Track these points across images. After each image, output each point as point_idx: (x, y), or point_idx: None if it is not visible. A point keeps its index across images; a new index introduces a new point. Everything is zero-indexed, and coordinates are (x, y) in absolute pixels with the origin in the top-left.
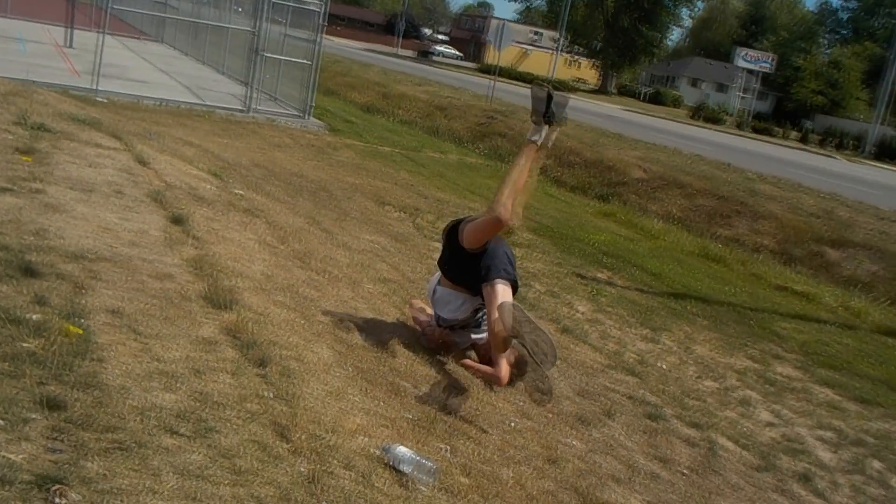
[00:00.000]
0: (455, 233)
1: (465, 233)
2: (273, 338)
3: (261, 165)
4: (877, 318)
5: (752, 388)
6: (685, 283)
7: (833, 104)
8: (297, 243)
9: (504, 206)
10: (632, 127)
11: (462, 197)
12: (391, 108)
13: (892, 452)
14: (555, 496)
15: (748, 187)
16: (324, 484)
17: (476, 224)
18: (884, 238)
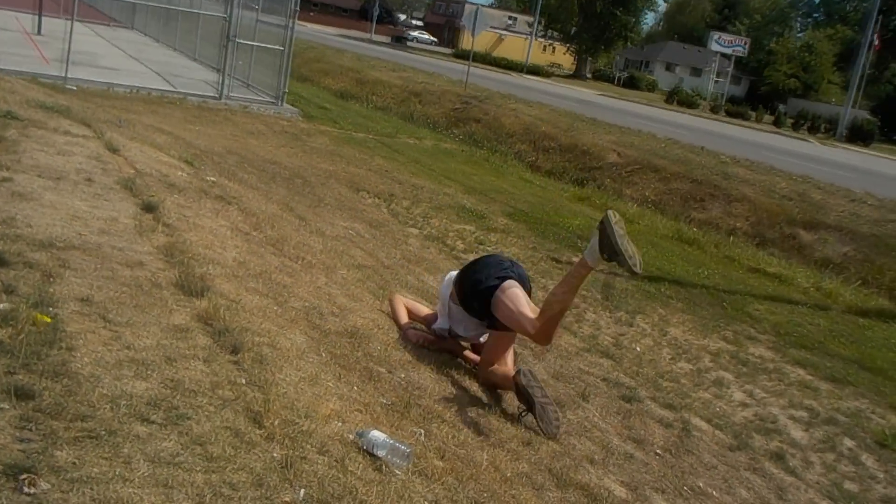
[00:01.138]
0: (488, 294)
1: (501, 310)
2: (246, 324)
3: (234, 152)
4: (849, 299)
5: (726, 368)
6: (660, 266)
7: (806, 87)
8: (270, 230)
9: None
10: (607, 111)
11: (438, 183)
12: (366, 94)
13: (864, 430)
14: (530, 478)
15: (722, 171)
16: (298, 469)
17: (513, 318)
18: (855, 220)
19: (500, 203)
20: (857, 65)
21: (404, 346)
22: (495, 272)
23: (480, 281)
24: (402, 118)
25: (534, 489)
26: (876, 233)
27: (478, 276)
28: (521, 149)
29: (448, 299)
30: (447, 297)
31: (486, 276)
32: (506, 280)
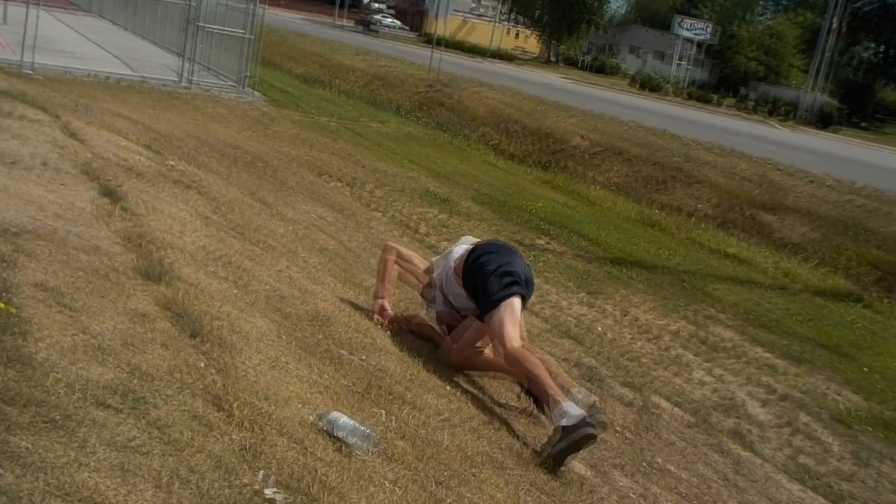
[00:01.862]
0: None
1: (494, 321)
2: (207, 309)
3: (196, 137)
4: (807, 279)
5: (687, 348)
6: (623, 248)
7: (770, 72)
8: (232, 214)
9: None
10: (573, 96)
11: (402, 167)
12: (331, 79)
13: (820, 406)
14: (491, 457)
15: (685, 154)
16: (258, 452)
17: (499, 333)
18: (815, 201)
19: (464, 187)
20: (820, 49)
21: (367, 329)
22: (507, 282)
23: (489, 290)
24: (367, 102)
25: (495, 468)
26: (834, 214)
27: (489, 281)
28: (487, 133)
29: (451, 271)
30: (451, 267)
31: (498, 287)
32: (513, 297)
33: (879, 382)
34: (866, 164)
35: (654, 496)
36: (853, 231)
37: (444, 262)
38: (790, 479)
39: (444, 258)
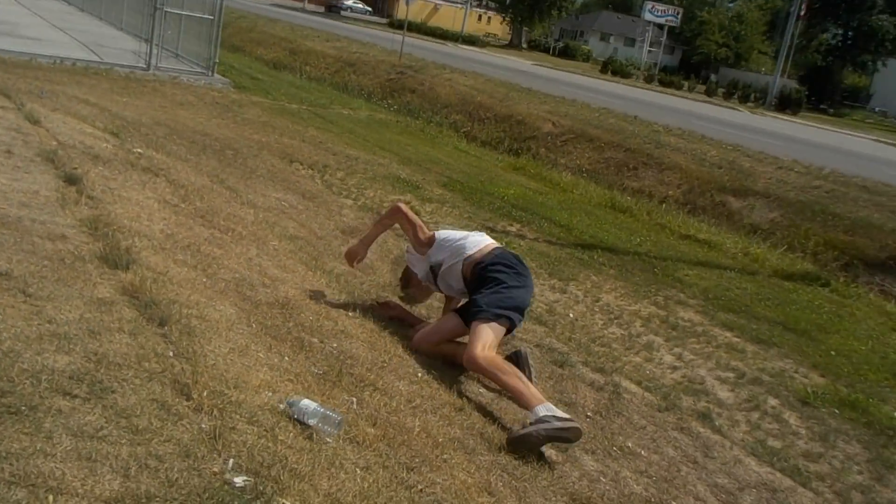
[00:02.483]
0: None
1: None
2: (174, 296)
3: (163, 124)
4: (775, 263)
5: (657, 333)
6: (593, 234)
7: (737, 57)
8: (199, 202)
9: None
10: (542, 81)
11: (372, 153)
12: (299, 65)
13: (787, 389)
14: (461, 442)
15: (655, 140)
16: (227, 439)
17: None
18: (782, 186)
19: (435, 173)
20: (786, 34)
21: (337, 317)
22: (510, 305)
23: (492, 302)
24: (336, 89)
25: (465, 453)
26: (802, 199)
27: (496, 296)
28: (457, 119)
29: (460, 264)
30: (461, 260)
31: (502, 306)
32: (508, 321)
33: (845, 365)
34: (831, 149)
35: (623, 479)
36: (820, 216)
37: (451, 249)
38: (757, 461)
39: (452, 245)
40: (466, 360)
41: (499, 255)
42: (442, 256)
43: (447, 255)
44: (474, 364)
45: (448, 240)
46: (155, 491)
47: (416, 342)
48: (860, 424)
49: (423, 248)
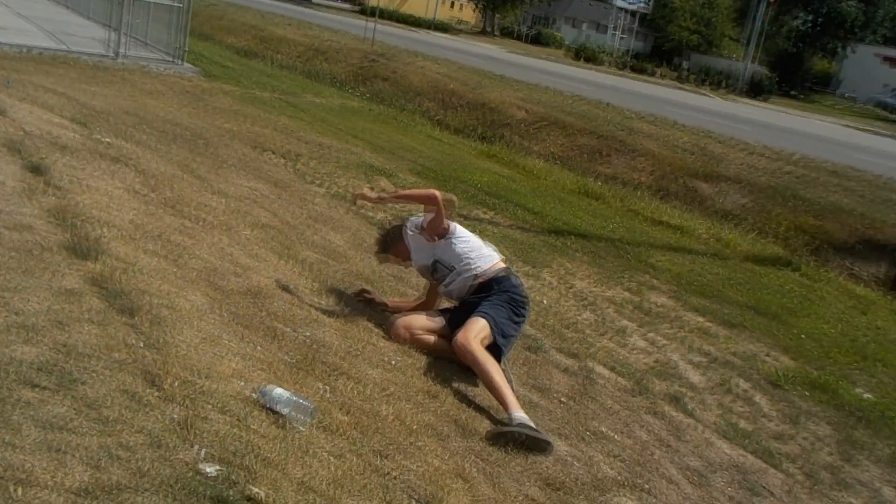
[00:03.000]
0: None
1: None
2: (142, 286)
3: (131, 113)
4: (745, 248)
5: (628, 317)
6: (565, 220)
7: (708, 44)
8: (169, 191)
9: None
10: (514, 68)
11: (344, 141)
12: (269, 52)
13: (757, 372)
14: (434, 428)
15: (626, 126)
16: (197, 429)
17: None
18: (753, 172)
19: (407, 161)
20: (755, 20)
21: (307, 304)
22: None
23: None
24: (306, 76)
25: (438, 439)
26: (771, 184)
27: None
28: (429, 106)
29: (471, 276)
30: (471, 273)
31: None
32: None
33: (814, 347)
34: (800, 134)
35: (596, 463)
36: (790, 201)
37: (461, 257)
38: (728, 443)
39: (463, 253)
40: (460, 343)
41: (513, 281)
42: (448, 257)
43: (456, 261)
44: (467, 347)
45: (461, 239)
46: (125, 482)
47: (396, 329)
48: (829, 406)
49: (434, 237)
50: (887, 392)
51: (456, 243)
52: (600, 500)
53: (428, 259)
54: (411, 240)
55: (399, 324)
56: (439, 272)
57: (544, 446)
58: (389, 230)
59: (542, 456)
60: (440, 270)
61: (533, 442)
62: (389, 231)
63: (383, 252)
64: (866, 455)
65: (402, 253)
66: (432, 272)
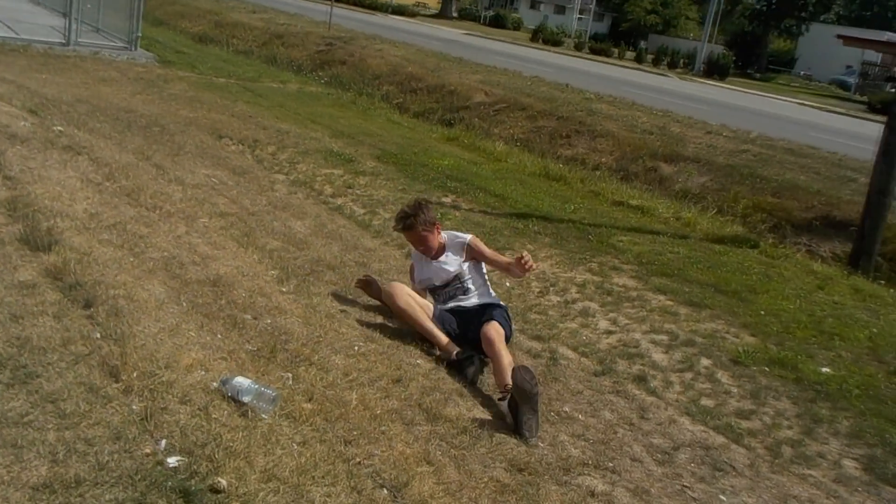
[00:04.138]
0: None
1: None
2: (100, 277)
3: (84, 101)
4: (706, 227)
5: (592, 299)
6: (528, 203)
7: (666, 23)
8: (125, 180)
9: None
10: (474, 51)
11: (304, 127)
12: (225, 38)
13: (719, 350)
14: (399, 414)
15: (587, 107)
16: (158, 420)
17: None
18: (712, 151)
19: (368, 146)
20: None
21: (271, 293)
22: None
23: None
24: (264, 61)
25: (404, 424)
26: (731, 163)
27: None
28: (389, 90)
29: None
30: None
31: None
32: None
33: (774, 324)
34: (758, 113)
35: (561, 443)
36: (748, 179)
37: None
38: (691, 420)
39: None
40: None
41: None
42: (471, 276)
43: (475, 284)
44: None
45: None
46: (85, 475)
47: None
48: (789, 381)
49: (472, 257)
50: (846, 366)
51: (484, 270)
52: (566, 480)
53: (452, 267)
54: (448, 241)
55: (401, 291)
56: (452, 284)
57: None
58: (431, 216)
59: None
60: (453, 283)
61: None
62: (430, 216)
63: (413, 225)
64: (826, 428)
65: (429, 242)
66: (444, 280)
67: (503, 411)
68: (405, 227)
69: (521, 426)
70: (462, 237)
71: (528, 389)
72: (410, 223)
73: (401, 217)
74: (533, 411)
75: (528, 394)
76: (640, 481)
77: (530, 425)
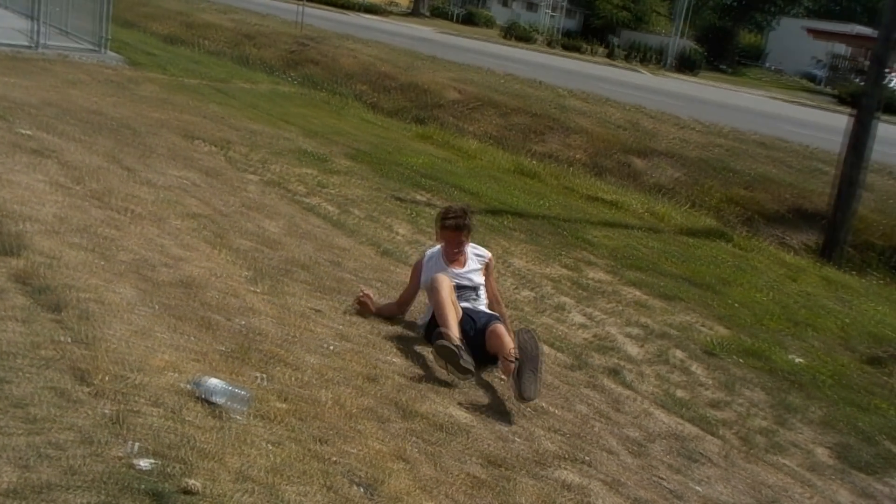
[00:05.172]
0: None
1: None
2: (69, 281)
3: (53, 104)
4: (678, 221)
5: (566, 294)
6: (502, 199)
7: (637, 19)
8: (94, 183)
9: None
10: (446, 49)
11: (276, 127)
12: (196, 39)
13: (693, 342)
14: (374, 412)
15: (559, 103)
16: (130, 423)
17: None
18: (684, 145)
19: (341, 145)
20: None
21: (243, 294)
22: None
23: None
24: (235, 62)
25: (379, 422)
26: (703, 157)
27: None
28: (361, 89)
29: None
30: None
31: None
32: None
33: (747, 315)
34: (729, 107)
35: (536, 438)
36: (720, 173)
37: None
38: (665, 412)
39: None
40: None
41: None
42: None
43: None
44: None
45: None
46: (55, 480)
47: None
48: (762, 371)
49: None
50: (818, 356)
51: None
52: (541, 474)
53: (476, 278)
54: (469, 253)
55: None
56: (467, 289)
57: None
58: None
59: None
60: (468, 290)
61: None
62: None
63: (465, 226)
64: (799, 418)
65: (464, 247)
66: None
67: (482, 404)
68: (457, 227)
69: (522, 386)
70: (484, 253)
71: (531, 349)
72: (465, 224)
73: (456, 214)
74: (533, 371)
75: (531, 353)
76: (614, 473)
77: (529, 384)
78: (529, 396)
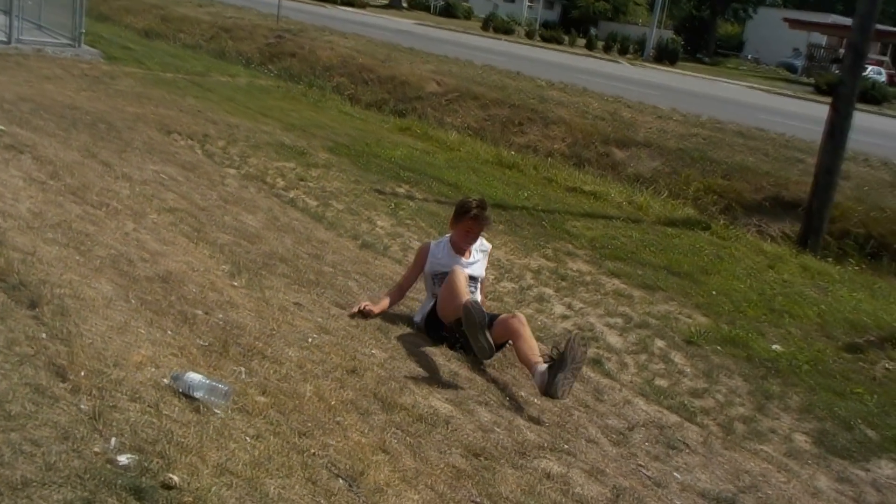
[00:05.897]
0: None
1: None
2: (45, 277)
3: (27, 99)
4: (658, 211)
5: (547, 284)
6: (482, 191)
7: (615, 10)
8: (70, 178)
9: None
10: (425, 40)
11: (254, 121)
12: (172, 32)
13: (673, 331)
14: (355, 404)
15: (539, 95)
16: (108, 419)
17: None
18: (663, 135)
19: (320, 138)
20: None
21: (222, 288)
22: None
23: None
24: (213, 56)
25: (360, 414)
26: (682, 147)
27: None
28: (340, 82)
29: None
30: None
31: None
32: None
33: (725, 304)
34: (708, 97)
35: (517, 427)
36: (699, 162)
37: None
38: (646, 400)
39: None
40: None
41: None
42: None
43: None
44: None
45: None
46: (32, 476)
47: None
48: (741, 359)
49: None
50: (796, 343)
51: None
52: (522, 463)
53: (479, 270)
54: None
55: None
56: (470, 283)
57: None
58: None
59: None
60: (471, 282)
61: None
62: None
63: (485, 218)
64: (777, 404)
65: (476, 238)
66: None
67: (463, 395)
68: (476, 217)
69: (556, 384)
70: (486, 245)
71: (579, 356)
72: (486, 216)
73: (479, 206)
74: (573, 374)
75: (577, 358)
76: (595, 462)
77: (564, 385)
78: (560, 396)
